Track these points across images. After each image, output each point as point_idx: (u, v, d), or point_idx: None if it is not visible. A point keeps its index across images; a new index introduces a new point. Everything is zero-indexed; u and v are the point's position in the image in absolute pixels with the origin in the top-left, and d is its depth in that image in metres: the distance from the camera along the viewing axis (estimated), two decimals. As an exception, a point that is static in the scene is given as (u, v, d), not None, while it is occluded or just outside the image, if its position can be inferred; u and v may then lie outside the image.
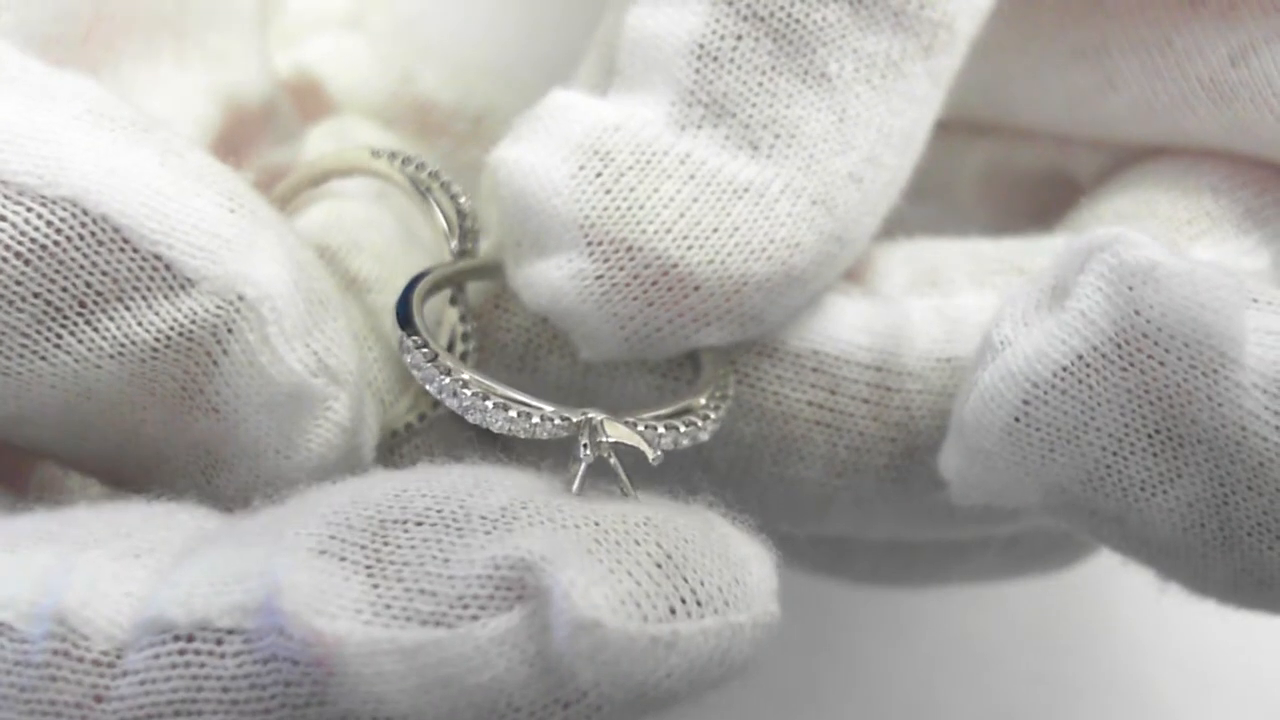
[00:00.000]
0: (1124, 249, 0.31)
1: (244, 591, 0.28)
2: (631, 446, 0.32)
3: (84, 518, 0.31)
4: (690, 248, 0.33)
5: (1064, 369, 0.31)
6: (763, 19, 0.34)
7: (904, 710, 0.50)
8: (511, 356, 0.36)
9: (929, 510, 0.36)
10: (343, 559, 0.28)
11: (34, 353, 0.32)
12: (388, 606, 0.28)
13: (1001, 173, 0.42)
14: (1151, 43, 0.38)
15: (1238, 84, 0.37)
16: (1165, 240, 0.37)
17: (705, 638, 0.28)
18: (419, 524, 0.29)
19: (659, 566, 0.28)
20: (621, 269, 0.33)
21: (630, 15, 0.35)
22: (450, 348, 0.36)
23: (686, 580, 0.29)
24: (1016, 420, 0.32)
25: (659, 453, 0.32)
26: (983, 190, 0.42)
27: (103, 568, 0.30)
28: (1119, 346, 0.31)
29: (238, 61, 0.41)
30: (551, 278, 0.34)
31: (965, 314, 0.36)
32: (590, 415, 0.32)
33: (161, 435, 0.33)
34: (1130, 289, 0.31)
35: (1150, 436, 0.31)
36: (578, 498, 0.30)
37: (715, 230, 0.33)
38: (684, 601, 0.28)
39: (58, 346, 0.32)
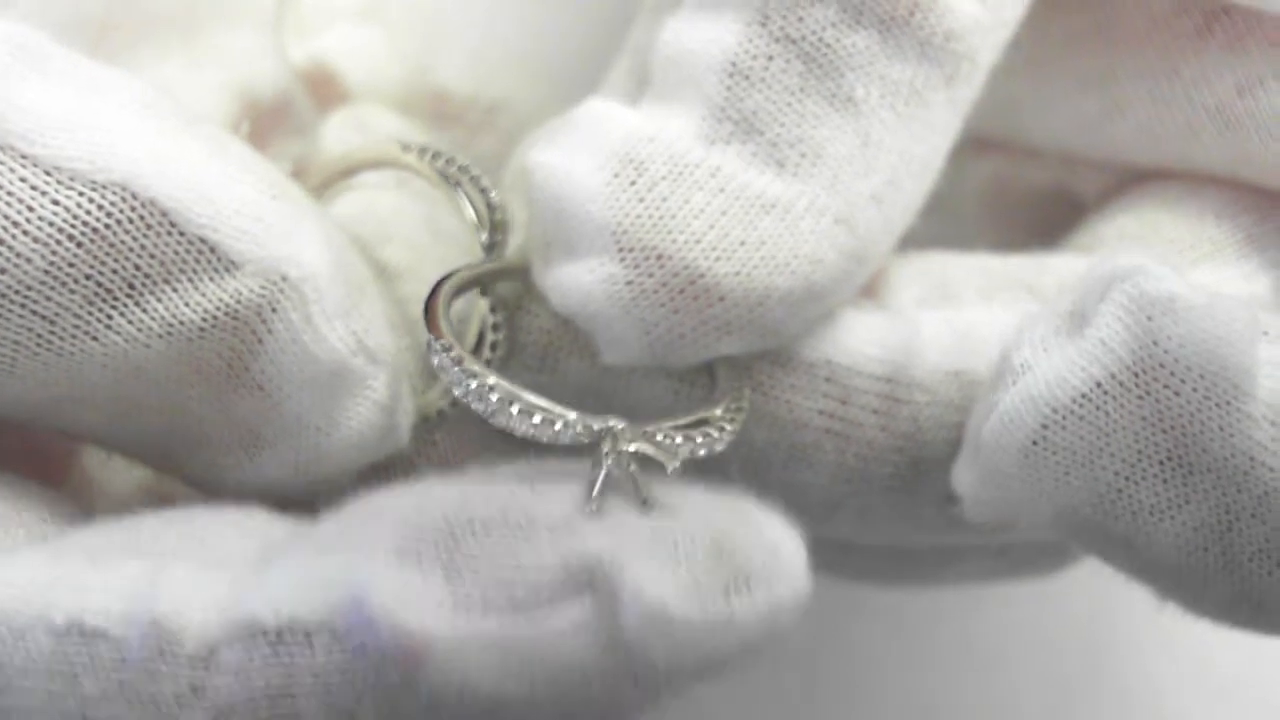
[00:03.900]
0: (1145, 280, 0.32)
1: (329, 593, 0.30)
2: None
3: (155, 528, 0.33)
4: (718, 259, 0.34)
5: (1083, 395, 0.32)
6: (794, 41, 0.35)
7: (906, 711, 0.51)
8: (532, 357, 0.37)
9: (931, 519, 0.37)
10: (419, 561, 0.30)
11: (86, 333, 0.32)
12: (466, 599, 0.29)
13: (1006, 188, 0.43)
14: (1159, 71, 0.39)
15: (1244, 115, 0.38)
16: (1169, 263, 0.38)
17: (756, 613, 0.30)
18: (486, 530, 0.30)
19: (710, 554, 0.30)
20: (651, 276, 0.34)
21: (665, 29, 0.36)
22: (480, 340, 0.36)
23: (736, 563, 0.30)
24: (1034, 444, 0.33)
25: (677, 463, 0.33)
26: (987, 204, 0.43)
27: (188, 578, 0.31)
28: (1136, 375, 0.32)
29: (250, 56, 0.41)
30: (582, 281, 0.34)
31: (974, 328, 0.37)
32: (612, 424, 0.33)
33: (207, 414, 0.34)
34: (1150, 319, 0.32)
35: (1161, 463, 0.33)
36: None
37: (743, 243, 0.34)
38: (735, 582, 0.30)
39: (108, 327, 0.32)
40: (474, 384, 0.33)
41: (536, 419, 0.33)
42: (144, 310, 0.32)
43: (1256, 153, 0.38)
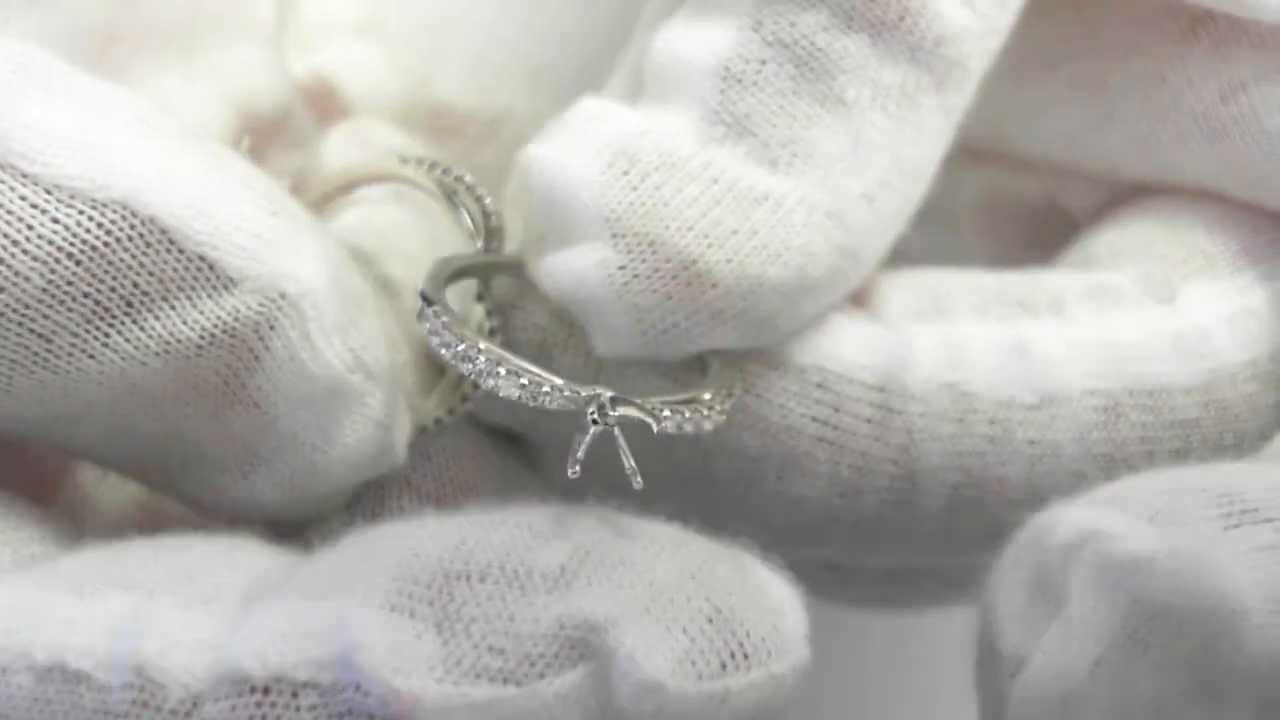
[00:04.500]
0: (1105, 543, 0.31)
1: (319, 646, 0.30)
2: (637, 421, 0.33)
3: (144, 558, 0.33)
4: (710, 246, 0.34)
5: (1087, 675, 0.31)
6: (787, 45, 0.35)
7: (908, 712, 0.51)
8: (527, 354, 0.36)
9: (928, 536, 0.37)
10: (413, 615, 0.30)
11: (83, 351, 0.32)
12: (458, 663, 0.30)
13: (999, 200, 0.43)
14: (1148, 77, 0.39)
15: (1228, 120, 0.38)
16: (1161, 278, 0.38)
17: (752, 689, 0.30)
18: (482, 580, 0.30)
19: (710, 623, 0.30)
20: (644, 261, 0.34)
21: (659, 37, 0.36)
22: None
23: (735, 634, 0.30)
24: None
25: (664, 423, 0.33)
26: (980, 215, 0.43)
27: (174, 616, 0.31)
28: (1130, 636, 0.30)
29: (250, 69, 0.42)
30: (575, 265, 0.34)
31: (967, 340, 0.37)
32: (598, 391, 0.33)
33: (203, 430, 0.34)
34: (1120, 584, 0.30)
35: (1188, 692, 0.30)
36: (634, 546, 0.31)
37: (735, 232, 0.34)
38: (733, 656, 0.30)
39: (105, 345, 0.32)
40: (462, 346, 0.33)
41: (524, 380, 0.33)
42: (142, 328, 0.33)
43: (1242, 161, 0.38)
